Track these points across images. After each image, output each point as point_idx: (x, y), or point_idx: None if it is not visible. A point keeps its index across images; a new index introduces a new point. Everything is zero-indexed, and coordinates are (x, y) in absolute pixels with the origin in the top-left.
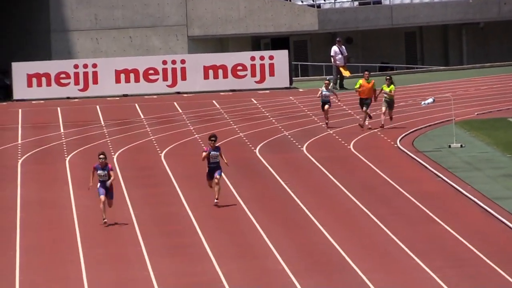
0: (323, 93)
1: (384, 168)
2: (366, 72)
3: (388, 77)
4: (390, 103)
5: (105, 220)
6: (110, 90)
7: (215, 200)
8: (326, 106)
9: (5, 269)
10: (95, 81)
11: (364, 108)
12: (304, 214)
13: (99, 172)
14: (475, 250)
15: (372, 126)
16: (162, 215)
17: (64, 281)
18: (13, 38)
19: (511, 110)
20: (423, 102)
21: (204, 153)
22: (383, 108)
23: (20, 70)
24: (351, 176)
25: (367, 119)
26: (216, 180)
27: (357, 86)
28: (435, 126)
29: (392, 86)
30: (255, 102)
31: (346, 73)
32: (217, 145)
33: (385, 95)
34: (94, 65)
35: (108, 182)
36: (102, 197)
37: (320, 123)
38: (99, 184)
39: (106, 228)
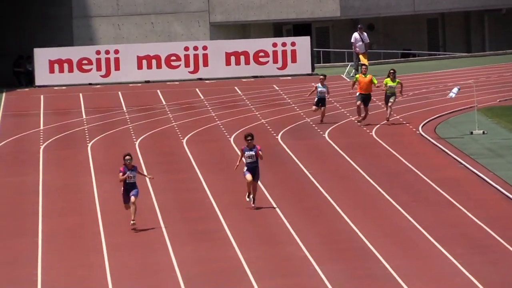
0: (319, 89)
1: (406, 155)
2: (364, 67)
3: (392, 71)
4: (392, 97)
5: (134, 222)
6: (132, 76)
7: (248, 199)
8: (323, 108)
9: (28, 255)
10: (117, 67)
11: (360, 104)
12: (327, 200)
13: (128, 173)
14: (496, 237)
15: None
16: (184, 201)
17: (86, 267)
18: (35, 24)
19: None
20: (450, 95)
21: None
22: (389, 102)
23: (42, 56)
24: (373, 163)
25: (362, 115)
26: (254, 184)
27: (354, 79)
28: (457, 113)
29: (398, 80)
30: (277, 88)
31: (364, 61)
32: (254, 144)
33: (389, 89)
34: (116, 51)
35: (149, 177)
36: (131, 200)
37: (342, 110)
38: (123, 190)
39: (128, 213)
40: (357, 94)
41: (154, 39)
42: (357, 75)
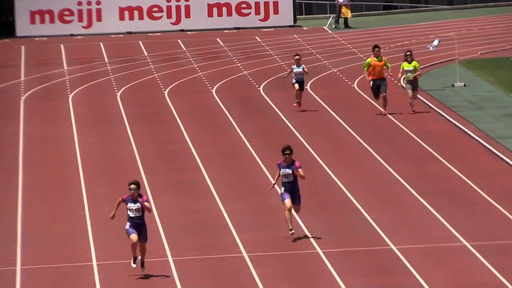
0: (294, 70)
1: (388, 107)
2: (377, 48)
3: (408, 53)
4: (414, 83)
5: (140, 267)
6: (114, 27)
7: (290, 232)
8: (297, 86)
9: (8, 205)
10: (99, 18)
11: (382, 94)
12: (308, 152)
13: (129, 205)
14: (478, 190)
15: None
16: (166, 153)
17: (66, 218)
18: None
19: None
20: (429, 47)
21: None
22: (409, 92)
23: (23, 7)
24: (355, 115)
25: (384, 106)
26: (295, 210)
27: (366, 67)
28: (439, 65)
29: (414, 62)
30: (259, 40)
31: (346, 13)
32: (293, 159)
33: (408, 74)
34: (98, 2)
35: (147, 205)
36: (134, 237)
37: (325, 62)
38: (128, 224)
39: (109, 165)
40: (370, 81)
41: None
42: (368, 59)
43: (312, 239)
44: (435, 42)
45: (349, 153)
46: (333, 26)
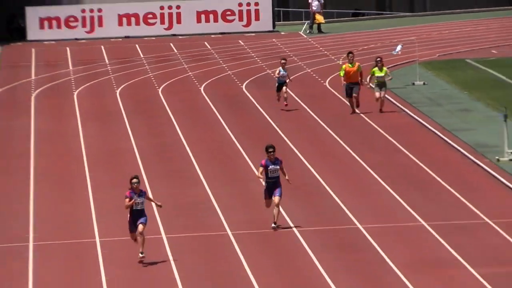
0: (281, 73)
1: (358, 106)
2: (351, 54)
3: (379, 59)
4: (382, 86)
5: (143, 255)
6: (114, 32)
7: (273, 225)
8: (284, 88)
9: (21, 190)
10: (100, 24)
11: (354, 95)
12: (286, 143)
13: (134, 199)
14: (435, 176)
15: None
16: (160, 144)
17: (72, 200)
18: None
19: (469, 52)
20: (394, 51)
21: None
22: (377, 94)
23: (33, 14)
24: (327, 111)
25: (356, 106)
26: (276, 201)
27: (342, 73)
28: (401, 66)
29: (384, 69)
30: (242, 43)
31: (320, 19)
32: (276, 156)
33: (377, 79)
34: (100, 10)
35: (157, 203)
36: (138, 229)
37: (300, 63)
38: (129, 218)
39: (110, 155)
40: (343, 84)
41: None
42: (343, 66)
43: (288, 219)
44: (398, 47)
45: (320, 143)
46: (308, 31)
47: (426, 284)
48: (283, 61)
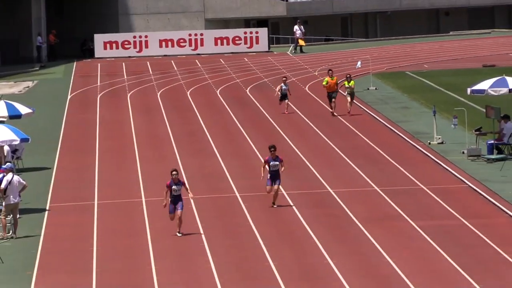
0: (283, 87)
1: (327, 103)
2: (331, 71)
3: (348, 76)
4: (352, 94)
5: (180, 235)
6: (156, 52)
7: (272, 205)
8: (286, 100)
9: (88, 163)
10: (146, 46)
11: (333, 100)
12: (278, 131)
13: (173, 187)
14: (383, 154)
15: (337, 113)
16: (188, 130)
17: (125, 170)
18: (93, 18)
19: (408, 66)
20: (356, 67)
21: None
22: (348, 99)
23: (99, 39)
24: (307, 109)
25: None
26: (275, 188)
27: (325, 83)
28: (359, 76)
29: (352, 81)
30: (246, 60)
31: (302, 43)
32: (277, 155)
33: (348, 89)
34: (146, 36)
35: (191, 196)
36: (177, 214)
37: (288, 74)
38: (169, 201)
39: (152, 137)
40: (327, 92)
41: (169, 29)
42: (326, 78)
43: (280, 186)
44: (358, 64)
45: (303, 131)
46: (293, 51)
47: (379, 233)
48: (284, 78)
